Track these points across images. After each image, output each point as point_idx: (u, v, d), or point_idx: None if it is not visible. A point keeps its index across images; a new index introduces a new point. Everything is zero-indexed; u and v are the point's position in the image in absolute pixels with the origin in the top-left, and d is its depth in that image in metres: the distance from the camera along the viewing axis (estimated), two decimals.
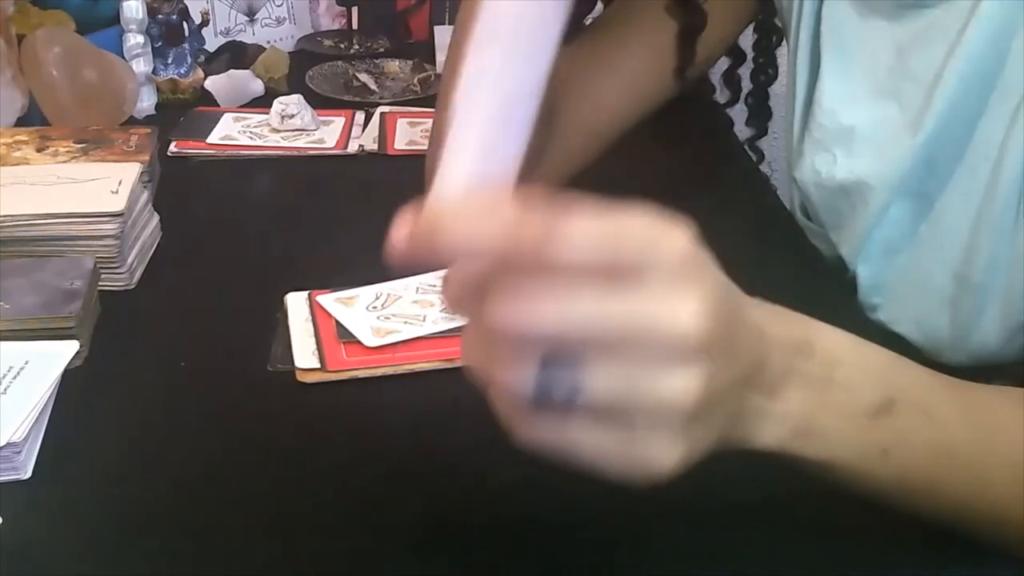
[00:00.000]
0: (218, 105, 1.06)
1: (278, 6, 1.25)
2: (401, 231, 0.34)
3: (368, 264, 0.75)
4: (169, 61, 1.07)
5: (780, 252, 0.80)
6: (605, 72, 0.79)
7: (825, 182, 0.70)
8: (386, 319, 0.67)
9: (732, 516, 0.50)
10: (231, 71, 1.09)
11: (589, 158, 0.81)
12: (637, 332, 0.33)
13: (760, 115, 0.96)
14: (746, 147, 0.98)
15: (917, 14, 0.64)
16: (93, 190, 0.72)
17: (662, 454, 0.35)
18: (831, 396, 0.41)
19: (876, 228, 0.67)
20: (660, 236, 0.33)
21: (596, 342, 0.33)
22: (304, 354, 0.63)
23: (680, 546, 0.49)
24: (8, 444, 0.52)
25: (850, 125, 0.68)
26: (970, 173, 0.62)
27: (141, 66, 1.03)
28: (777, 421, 0.40)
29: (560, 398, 0.33)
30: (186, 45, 1.08)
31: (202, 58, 1.11)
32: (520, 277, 0.33)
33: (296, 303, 0.69)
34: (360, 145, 0.98)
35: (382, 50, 1.25)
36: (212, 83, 1.08)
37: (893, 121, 0.65)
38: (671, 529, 0.50)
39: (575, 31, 0.87)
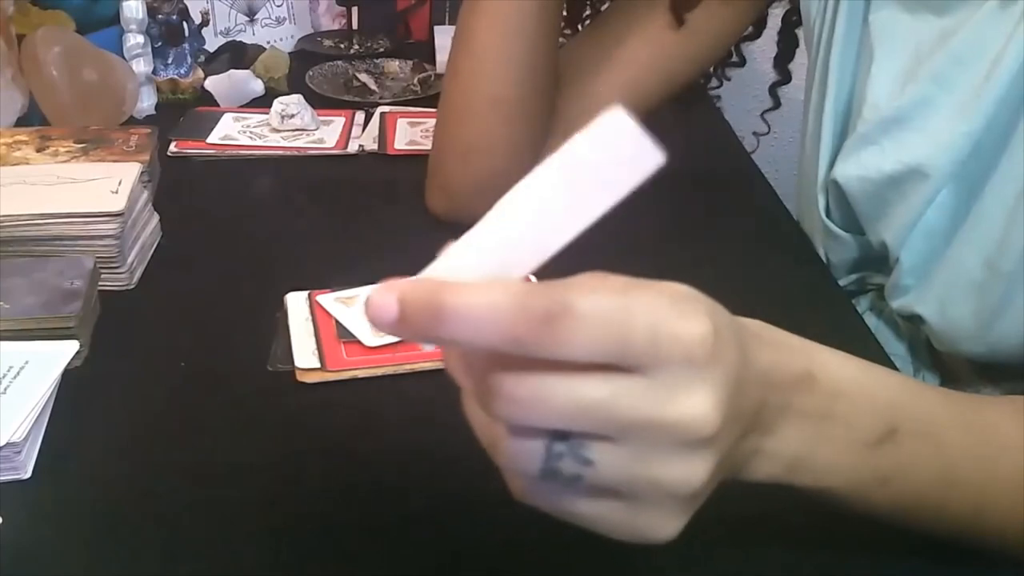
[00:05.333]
0: (218, 105, 1.06)
1: (278, 6, 1.25)
2: (389, 297, 0.31)
3: (368, 264, 0.75)
4: (169, 61, 1.07)
5: (779, 253, 0.80)
6: (604, 69, 0.79)
7: (872, 175, 0.69)
8: None
9: (732, 515, 0.50)
10: (231, 71, 1.09)
11: None
12: (645, 425, 0.32)
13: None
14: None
15: (966, 3, 0.63)
16: (93, 190, 0.72)
17: (664, 527, 0.35)
18: (829, 430, 0.40)
19: (924, 215, 0.67)
20: (670, 330, 0.31)
21: (603, 430, 0.32)
22: (304, 354, 0.63)
23: (679, 550, 0.49)
24: (8, 444, 0.52)
25: (898, 116, 0.67)
26: (1011, 159, 0.61)
27: (141, 66, 1.03)
28: (770, 458, 0.39)
29: (566, 475, 0.33)
30: (186, 45, 1.08)
31: (202, 58, 1.11)
32: (523, 366, 0.31)
33: (296, 303, 0.69)
34: (360, 145, 0.98)
35: (382, 50, 1.25)
36: (212, 83, 1.08)
37: (944, 108, 0.65)
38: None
39: (575, 28, 0.87)
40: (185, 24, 1.08)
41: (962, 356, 0.68)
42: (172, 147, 0.95)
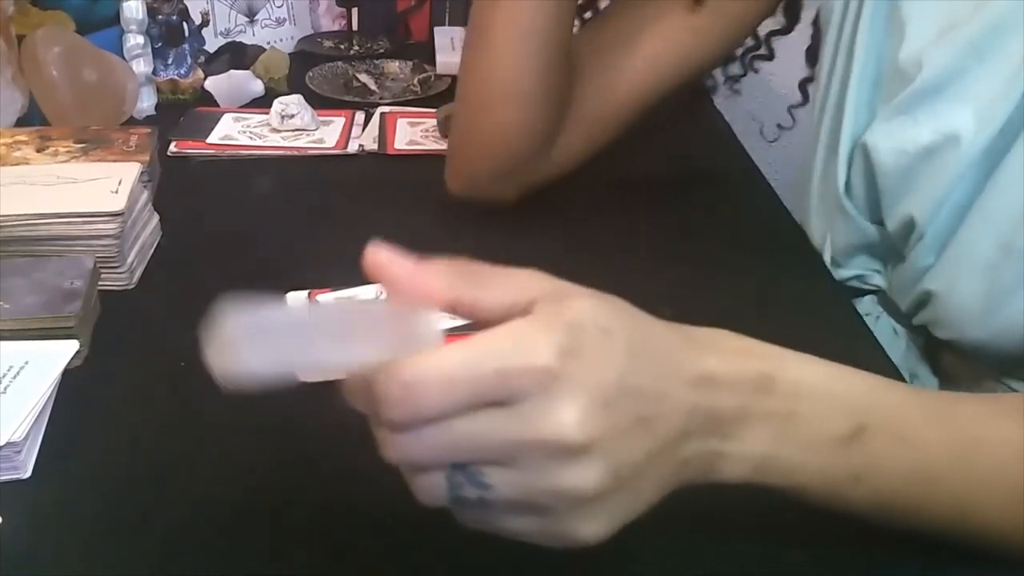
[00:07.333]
0: (218, 105, 1.06)
1: (278, 7, 1.25)
2: None
3: None
4: (169, 62, 1.07)
5: (778, 253, 0.80)
6: (620, 53, 0.79)
7: (907, 147, 0.68)
8: None
9: (727, 515, 0.50)
10: (231, 71, 1.09)
11: (605, 140, 0.81)
12: (519, 446, 0.36)
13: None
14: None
15: None
16: (93, 190, 0.72)
17: (581, 531, 0.38)
18: (794, 430, 0.41)
19: (954, 189, 0.65)
20: (517, 365, 0.35)
21: (485, 459, 0.36)
22: None
23: (669, 551, 0.49)
24: (8, 444, 0.52)
25: (935, 86, 0.66)
26: None
27: (141, 66, 1.03)
28: (736, 460, 0.41)
29: (472, 500, 0.37)
30: (186, 46, 1.08)
31: (202, 59, 1.11)
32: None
33: (296, 303, 0.69)
34: (360, 145, 0.98)
35: (382, 51, 1.25)
36: (212, 83, 1.08)
37: (984, 79, 0.63)
38: (659, 532, 0.49)
39: (591, 13, 0.87)
40: (185, 25, 1.08)
41: (962, 344, 0.68)
42: (172, 147, 0.95)
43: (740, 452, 0.41)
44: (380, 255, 0.39)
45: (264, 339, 0.36)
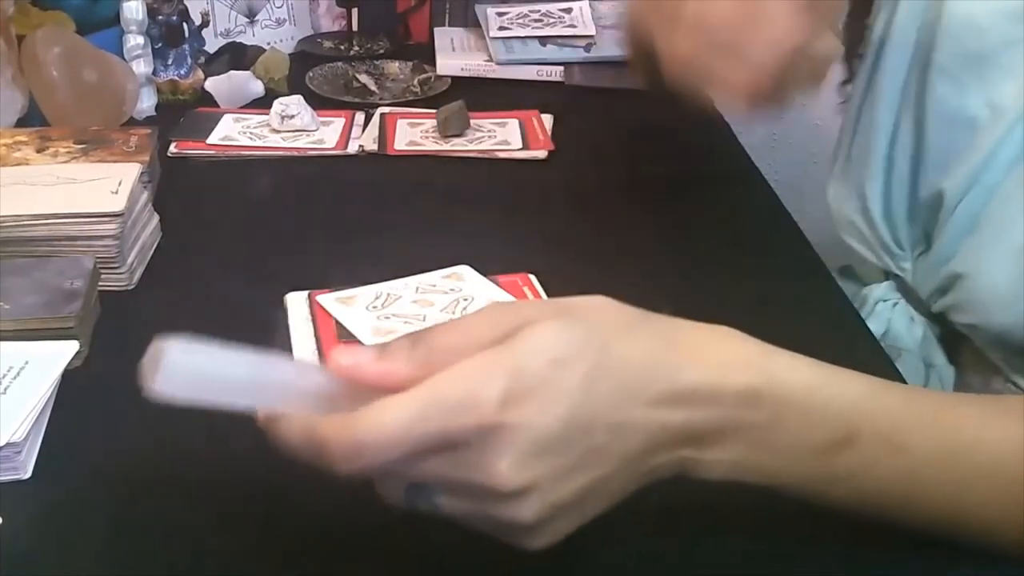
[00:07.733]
0: (218, 106, 1.06)
1: (278, 7, 1.25)
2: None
3: (368, 264, 0.75)
4: (169, 62, 1.07)
5: (778, 254, 0.80)
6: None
7: (954, 114, 0.66)
8: (386, 319, 0.67)
9: (724, 513, 0.50)
10: (231, 72, 1.09)
11: None
12: (459, 485, 0.38)
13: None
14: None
15: None
16: (93, 190, 0.72)
17: (528, 544, 0.40)
18: (776, 439, 0.42)
19: (988, 166, 0.64)
20: (457, 424, 0.37)
21: (433, 484, 0.39)
22: (304, 354, 0.63)
23: (666, 551, 0.49)
24: (8, 444, 0.52)
25: (984, 53, 0.64)
26: None
27: (141, 67, 1.03)
28: (711, 466, 0.42)
29: (425, 509, 0.40)
30: (186, 46, 1.08)
31: (202, 59, 1.11)
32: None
33: (296, 303, 0.69)
34: (360, 145, 0.98)
35: (382, 51, 1.25)
36: (212, 84, 1.08)
37: None
38: (655, 531, 0.49)
39: None
40: (185, 25, 1.08)
41: (983, 331, 0.67)
42: (172, 148, 0.95)
43: (717, 457, 0.42)
44: (342, 358, 0.40)
45: (190, 381, 0.41)
